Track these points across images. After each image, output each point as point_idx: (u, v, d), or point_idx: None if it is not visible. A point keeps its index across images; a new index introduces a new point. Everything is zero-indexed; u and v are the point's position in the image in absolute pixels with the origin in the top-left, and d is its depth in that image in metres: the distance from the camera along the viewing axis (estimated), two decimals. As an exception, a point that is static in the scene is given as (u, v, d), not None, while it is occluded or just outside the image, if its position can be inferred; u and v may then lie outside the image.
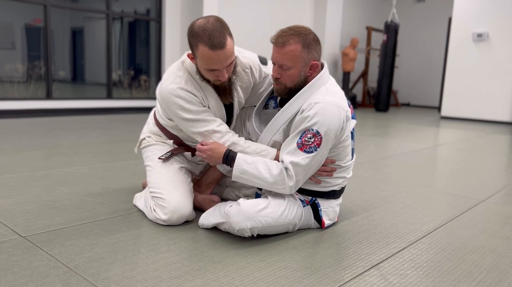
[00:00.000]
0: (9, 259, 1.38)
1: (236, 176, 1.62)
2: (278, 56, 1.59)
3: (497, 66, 7.27)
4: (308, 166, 1.58)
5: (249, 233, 1.58)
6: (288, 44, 1.57)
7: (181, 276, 1.31)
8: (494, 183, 2.81)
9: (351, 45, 9.12)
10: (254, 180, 1.61)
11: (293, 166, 1.56)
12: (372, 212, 2.06)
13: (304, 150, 1.56)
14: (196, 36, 1.56)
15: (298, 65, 1.60)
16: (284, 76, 1.62)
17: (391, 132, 5.39)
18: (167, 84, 1.71)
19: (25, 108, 5.43)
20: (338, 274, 1.38)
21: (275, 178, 1.58)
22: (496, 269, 1.48)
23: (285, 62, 1.58)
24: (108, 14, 6.27)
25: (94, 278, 1.27)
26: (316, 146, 1.56)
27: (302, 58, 1.59)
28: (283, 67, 1.60)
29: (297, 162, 1.56)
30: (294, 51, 1.57)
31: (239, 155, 1.63)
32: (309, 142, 1.56)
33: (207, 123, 1.71)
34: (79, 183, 2.33)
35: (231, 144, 1.69)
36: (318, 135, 1.55)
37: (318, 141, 1.55)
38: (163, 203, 1.73)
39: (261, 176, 1.59)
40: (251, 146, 1.71)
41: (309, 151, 1.56)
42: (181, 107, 1.69)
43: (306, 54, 1.59)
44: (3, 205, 1.91)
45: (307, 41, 1.59)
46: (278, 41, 1.59)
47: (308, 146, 1.56)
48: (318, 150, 1.56)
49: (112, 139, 3.91)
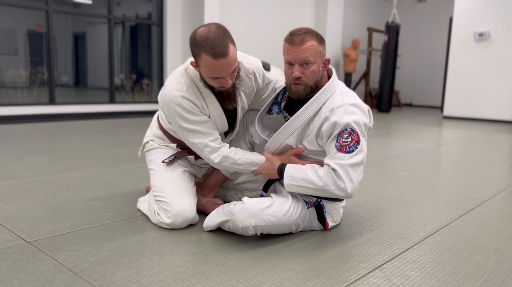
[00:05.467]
0: (14, 265, 1.39)
1: (287, 184, 1.64)
2: (300, 53, 1.60)
3: (499, 65, 7.25)
4: (356, 165, 1.59)
5: (252, 231, 1.58)
6: (307, 41, 1.60)
7: (185, 280, 1.32)
8: (497, 182, 2.80)
9: (352, 46, 9.13)
10: (304, 184, 1.61)
11: (339, 167, 1.57)
12: (375, 213, 2.06)
13: (344, 151, 1.58)
14: (198, 45, 1.57)
15: (317, 60, 1.63)
16: (306, 74, 1.63)
17: (394, 133, 5.39)
18: (169, 90, 1.72)
19: (28, 114, 5.45)
20: (342, 275, 1.39)
21: (323, 180, 1.58)
22: (501, 269, 1.48)
23: (308, 56, 1.60)
24: (110, 18, 6.30)
25: (99, 283, 1.28)
26: (355, 143, 1.58)
27: (320, 53, 1.64)
28: (306, 63, 1.61)
29: (342, 163, 1.57)
30: (313, 46, 1.61)
31: (288, 166, 1.66)
32: (347, 142, 1.58)
33: (202, 135, 1.72)
34: (84, 188, 2.35)
35: (222, 158, 1.72)
36: (354, 133, 1.58)
37: (356, 138, 1.58)
38: (166, 206, 1.74)
39: (309, 179, 1.60)
40: (242, 157, 1.74)
41: (351, 151, 1.58)
42: (180, 115, 1.70)
43: (322, 49, 1.65)
44: (8, 211, 1.92)
45: (319, 38, 1.64)
46: (295, 40, 1.61)
47: (347, 146, 1.58)
48: (359, 147, 1.59)
49: (115, 143, 3.93)
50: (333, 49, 9.30)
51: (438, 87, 10.62)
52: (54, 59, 5.80)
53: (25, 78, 5.59)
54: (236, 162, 1.73)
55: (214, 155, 1.72)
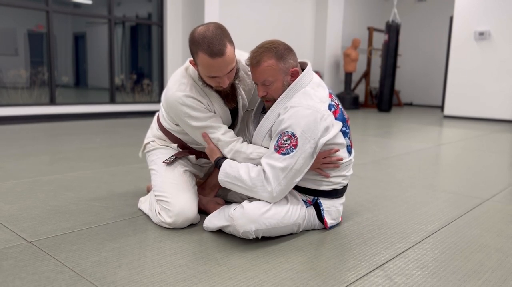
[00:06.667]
0: (16, 265, 1.39)
1: (221, 180, 1.66)
2: (258, 75, 1.63)
3: (500, 64, 7.25)
4: (287, 169, 1.57)
5: (253, 236, 1.58)
6: (263, 61, 1.61)
7: (187, 279, 1.32)
8: (498, 181, 2.80)
9: (352, 46, 9.12)
10: (235, 183, 1.63)
11: (270, 169, 1.57)
12: (376, 212, 2.06)
13: (281, 152, 1.57)
14: (196, 43, 1.58)
15: (279, 76, 1.63)
16: (270, 92, 1.66)
17: (394, 132, 5.39)
18: (172, 92, 1.72)
19: (29, 114, 5.46)
20: (343, 275, 1.39)
21: (253, 181, 1.59)
22: (502, 268, 1.48)
23: (266, 77, 1.62)
24: (110, 19, 6.31)
25: (101, 282, 1.28)
26: (292, 147, 1.57)
27: (281, 69, 1.63)
28: (266, 83, 1.64)
29: (274, 165, 1.57)
30: (270, 65, 1.61)
31: (225, 161, 1.67)
32: (285, 144, 1.57)
33: (213, 130, 1.73)
34: (85, 188, 2.35)
35: (235, 152, 1.71)
36: (294, 137, 1.57)
37: (294, 142, 1.57)
38: (168, 206, 1.74)
39: (240, 178, 1.61)
40: (254, 151, 1.72)
41: (286, 153, 1.57)
42: (188, 115, 1.71)
43: (283, 64, 1.63)
44: (9, 211, 1.93)
45: (279, 53, 1.62)
46: (252, 61, 1.63)
47: (284, 148, 1.57)
48: (295, 151, 1.57)
49: (116, 143, 3.93)
50: (333, 49, 9.30)
51: (439, 86, 10.62)
52: (55, 59, 5.80)
53: (25, 79, 5.60)
54: (249, 156, 1.71)
55: (226, 149, 1.72)
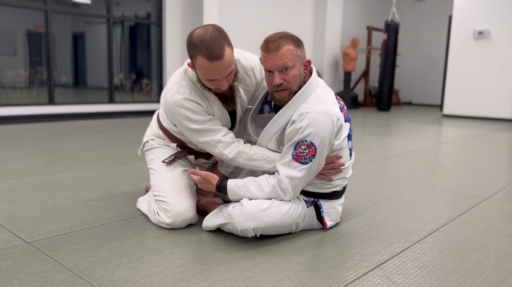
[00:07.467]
0: (14, 265, 1.39)
1: (233, 199, 1.66)
2: (278, 59, 1.57)
3: (499, 63, 7.25)
4: (304, 177, 1.60)
5: (252, 233, 1.58)
6: (283, 46, 1.57)
7: (185, 279, 1.32)
8: (497, 181, 2.80)
9: (351, 45, 9.12)
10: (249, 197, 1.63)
11: (289, 180, 1.58)
12: (375, 212, 2.06)
13: (299, 161, 1.57)
14: (194, 47, 1.56)
15: (297, 63, 1.60)
16: (287, 79, 1.60)
17: (394, 131, 5.39)
18: (171, 95, 1.71)
19: (27, 114, 5.45)
20: (342, 274, 1.39)
21: (268, 195, 1.61)
22: (501, 267, 1.48)
23: (287, 61, 1.57)
24: (109, 18, 6.30)
25: (99, 282, 1.28)
26: (311, 157, 1.56)
27: (299, 56, 1.61)
28: (286, 68, 1.58)
29: (293, 175, 1.58)
30: (290, 50, 1.58)
31: (229, 182, 1.65)
32: (303, 153, 1.56)
33: (212, 133, 1.72)
34: (84, 188, 2.34)
35: (237, 153, 1.71)
36: (313, 146, 1.55)
37: (313, 151, 1.56)
38: (166, 206, 1.74)
39: (254, 196, 1.61)
40: (258, 152, 1.71)
41: (304, 163, 1.57)
42: (187, 117, 1.70)
43: (300, 52, 1.62)
44: (8, 211, 1.92)
45: (296, 40, 1.61)
46: (271, 46, 1.58)
47: (303, 157, 1.56)
48: (313, 161, 1.57)
49: (115, 143, 3.93)
50: (332, 48, 9.30)
51: (438, 85, 10.62)
52: (53, 59, 5.79)
53: (24, 78, 5.59)
54: (252, 157, 1.70)
55: (227, 150, 1.71)
